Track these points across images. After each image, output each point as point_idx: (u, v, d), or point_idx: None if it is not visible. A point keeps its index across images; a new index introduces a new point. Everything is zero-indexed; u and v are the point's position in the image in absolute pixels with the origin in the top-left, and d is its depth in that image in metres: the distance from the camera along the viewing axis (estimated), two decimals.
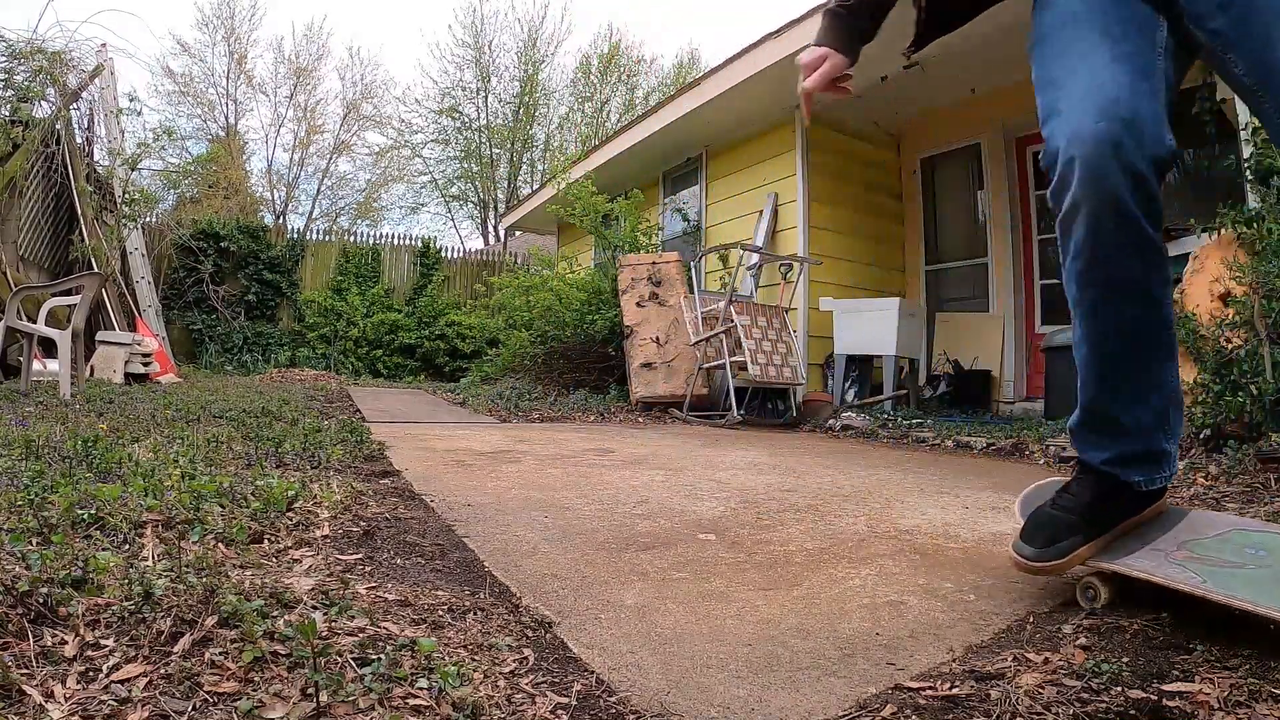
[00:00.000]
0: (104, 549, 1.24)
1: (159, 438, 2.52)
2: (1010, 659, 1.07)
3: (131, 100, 8.63)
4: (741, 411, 5.21)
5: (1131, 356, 1.23)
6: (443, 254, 12.62)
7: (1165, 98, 1.16)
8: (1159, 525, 1.33)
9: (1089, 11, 1.19)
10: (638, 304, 6.22)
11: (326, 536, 1.56)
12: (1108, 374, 1.25)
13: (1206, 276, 3.05)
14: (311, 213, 20.59)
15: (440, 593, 1.27)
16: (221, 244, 10.96)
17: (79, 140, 7.71)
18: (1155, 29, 1.17)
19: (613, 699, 0.94)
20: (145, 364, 6.44)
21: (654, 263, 6.38)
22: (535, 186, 14.73)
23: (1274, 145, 1.17)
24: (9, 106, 6.68)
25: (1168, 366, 1.26)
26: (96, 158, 8.12)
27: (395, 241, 12.44)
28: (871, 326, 5.53)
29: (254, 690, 0.85)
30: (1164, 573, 1.18)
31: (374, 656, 0.95)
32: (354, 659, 0.94)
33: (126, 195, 8.24)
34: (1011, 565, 1.33)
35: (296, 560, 1.37)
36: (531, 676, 0.99)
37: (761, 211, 6.49)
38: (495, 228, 20.57)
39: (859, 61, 1.50)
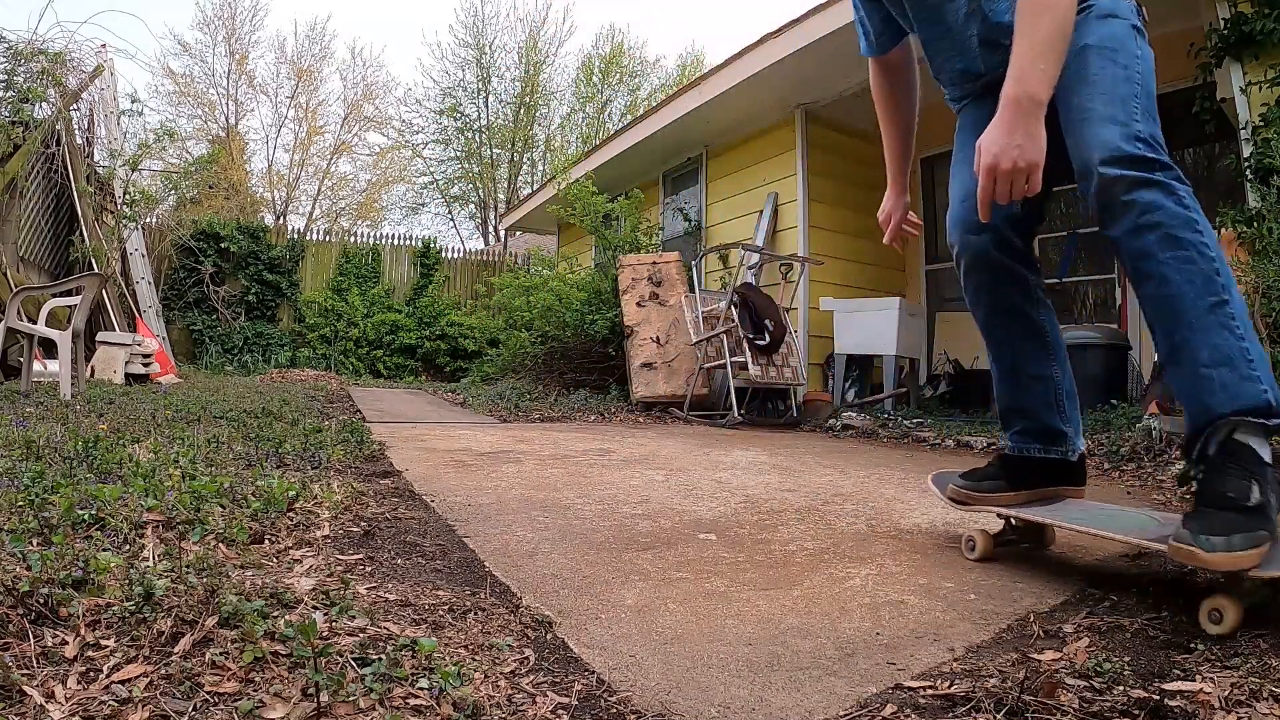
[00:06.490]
0: (104, 549, 1.24)
1: (159, 438, 2.52)
2: (1011, 658, 1.07)
3: (134, 102, 8.64)
4: (742, 411, 5.21)
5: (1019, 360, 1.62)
6: (443, 254, 12.62)
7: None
8: (1065, 501, 1.63)
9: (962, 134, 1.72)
10: (638, 304, 6.22)
11: (327, 537, 1.56)
12: (1003, 375, 1.65)
13: None
14: (312, 213, 20.60)
15: (441, 593, 1.27)
16: (222, 244, 10.96)
17: (79, 141, 7.70)
18: None
19: (613, 699, 0.94)
20: (145, 364, 6.44)
21: (654, 263, 6.38)
22: (536, 187, 14.73)
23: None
24: (9, 107, 6.67)
25: (1050, 365, 1.61)
26: (97, 158, 8.12)
27: (395, 242, 12.44)
28: (872, 326, 5.53)
29: (254, 690, 0.85)
30: (1029, 514, 1.55)
31: (374, 656, 0.95)
32: (354, 659, 0.94)
33: (127, 196, 8.24)
34: (948, 499, 1.67)
35: (297, 560, 1.37)
36: (532, 676, 0.99)
37: (761, 211, 6.49)
38: (495, 228, 20.56)
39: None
